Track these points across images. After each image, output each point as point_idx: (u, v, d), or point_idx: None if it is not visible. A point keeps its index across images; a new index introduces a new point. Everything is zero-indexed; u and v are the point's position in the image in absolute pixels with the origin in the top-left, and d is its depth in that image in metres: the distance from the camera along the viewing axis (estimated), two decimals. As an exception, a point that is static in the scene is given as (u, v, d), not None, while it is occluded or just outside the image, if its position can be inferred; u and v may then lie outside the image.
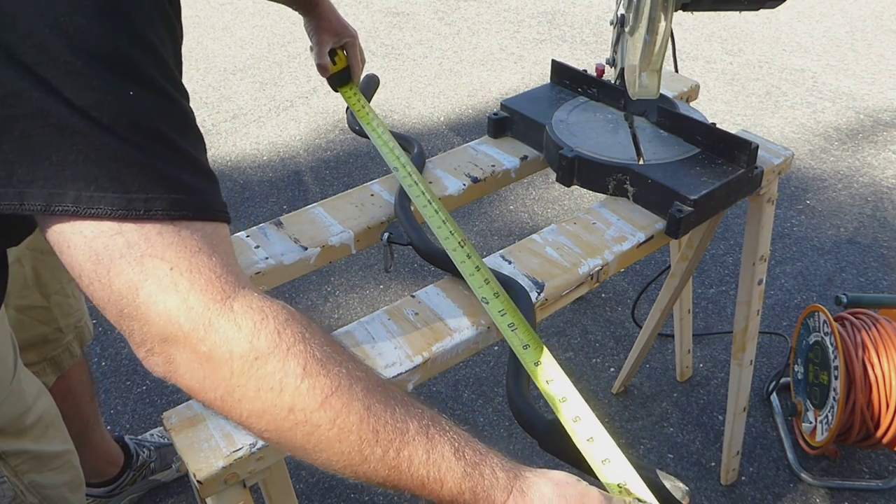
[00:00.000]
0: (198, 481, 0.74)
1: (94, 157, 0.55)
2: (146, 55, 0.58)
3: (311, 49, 1.36)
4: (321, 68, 1.35)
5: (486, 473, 0.62)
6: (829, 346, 1.60)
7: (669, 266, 1.68)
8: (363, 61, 1.41)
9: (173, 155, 0.59)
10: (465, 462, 0.61)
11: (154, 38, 0.59)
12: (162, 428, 1.71)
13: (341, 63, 1.37)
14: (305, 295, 2.19)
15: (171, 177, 0.58)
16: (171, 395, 1.85)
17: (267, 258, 1.02)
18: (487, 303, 0.91)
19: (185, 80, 0.64)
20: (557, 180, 1.20)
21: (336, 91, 1.40)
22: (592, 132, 1.23)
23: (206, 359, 0.57)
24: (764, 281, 1.41)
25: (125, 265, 0.56)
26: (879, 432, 1.54)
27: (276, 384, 0.57)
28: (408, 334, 0.91)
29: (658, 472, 0.70)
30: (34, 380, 1.09)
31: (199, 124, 0.64)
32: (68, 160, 0.54)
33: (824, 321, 1.63)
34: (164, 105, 0.60)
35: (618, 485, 0.70)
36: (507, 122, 1.31)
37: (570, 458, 0.73)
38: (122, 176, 0.55)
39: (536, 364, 0.83)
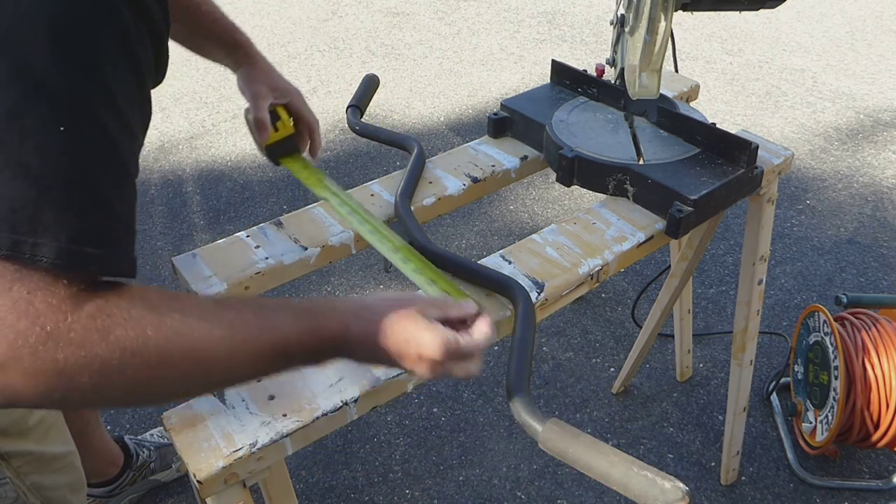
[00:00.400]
0: (198, 481, 0.74)
1: None
2: (94, 91, 0.57)
3: (246, 113, 1.08)
4: (258, 125, 1.06)
5: (328, 315, 0.71)
6: (829, 346, 1.60)
7: (669, 266, 1.68)
8: (316, 120, 1.14)
9: (84, 201, 0.58)
10: (308, 316, 0.70)
11: (109, 75, 0.58)
12: (162, 428, 1.71)
13: (285, 129, 1.09)
14: (305, 295, 2.19)
15: (69, 225, 0.56)
16: (172, 395, 1.85)
17: (267, 258, 1.02)
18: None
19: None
20: (557, 180, 1.20)
21: (277, 164, 1.11)
22: (592, 132, 1.23)
23: (60, 371, 0.55)
24: (764, 281, 1.41)
25: None
26: (879, 432, 1.55)
27: (146, 364, 0.59)
28: (408, 334, 0.90)
29: (658, 472, 0.70)
30: (34, 380, 1.09)
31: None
32: None
33: (824, 321, 1.63)
34: (97, 148, 0.58)
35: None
36: (507, 122, 1.31)
37: (570, 458, 0.73)
38: (15, 216, 0.54)
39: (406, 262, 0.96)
